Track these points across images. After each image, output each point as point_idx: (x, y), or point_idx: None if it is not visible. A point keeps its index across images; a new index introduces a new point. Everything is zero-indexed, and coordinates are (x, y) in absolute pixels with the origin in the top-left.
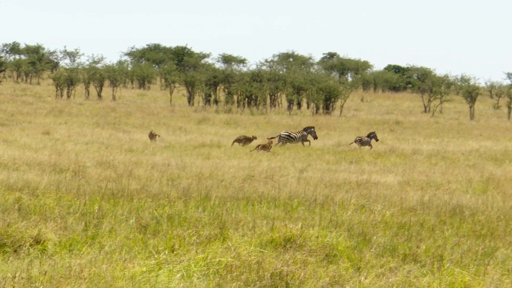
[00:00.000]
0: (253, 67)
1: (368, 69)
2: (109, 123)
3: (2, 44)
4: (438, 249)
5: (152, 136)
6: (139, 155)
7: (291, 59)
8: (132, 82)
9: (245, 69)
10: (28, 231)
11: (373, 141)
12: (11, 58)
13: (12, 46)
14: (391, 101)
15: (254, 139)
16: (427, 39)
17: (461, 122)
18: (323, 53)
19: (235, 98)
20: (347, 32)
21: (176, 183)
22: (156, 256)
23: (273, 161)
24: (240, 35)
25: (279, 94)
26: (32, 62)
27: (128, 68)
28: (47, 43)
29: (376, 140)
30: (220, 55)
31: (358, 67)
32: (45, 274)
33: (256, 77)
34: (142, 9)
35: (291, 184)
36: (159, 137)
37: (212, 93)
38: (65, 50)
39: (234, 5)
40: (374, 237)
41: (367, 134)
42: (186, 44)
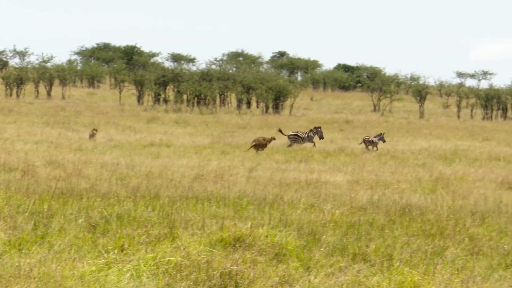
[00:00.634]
0: (203, 66)
1: (318, 68)
2: (59, 122)
3: None
4: (388, 249)
5: (92, 135)
6: (89, 154)
7: (241, 58)
8: (82, 81)
9: (195, 68)
10: None
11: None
12: None
13: None
14: (341, 100)
15: (273, 140)
16: (377, 38)
17: (411, 121)
18: (273, 52)
19: (185, 97)
20: (297, 31)
21: (126, 182)
22: (106, 256)
23: (223, 160)
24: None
25: (229, 93)
26: None
27: (78, 67)
28: None
29: (383, 142)
30: (170, 54)
31: (308, 66)
32: None
33: (206, 76)
34: (92, 8)
35: (241, 183)
36: (96, 132)
37: (162, 92)
38: (15, 49)
39: (183, 3)
40: (324, 237)
41: (376, 135)
42: (136, 43)
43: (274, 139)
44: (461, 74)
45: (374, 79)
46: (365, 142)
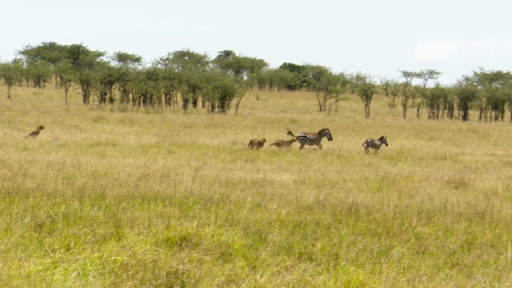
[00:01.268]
0: (149, 66)
1: (264, 68)
2: (4, 122)
3: None
4: (334, 248)
5: (36, 132)
6: (34, 154)
7: (187, 58)
8: (28, 81)
9: (141, 68)
10: None
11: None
12: None
13: None
14: (287, 100)
15: (294, 142)
16: (323, 38)
17: (357, 121)
18: (219, 52)
19: (131, 97)
20: (243, 31)
21: (72, 182)
22: (52, 255)
23: (169, 160)
24: (136, 33)
25: (175, 93)
26: None
27: (23, 67)
28: None
29: (386, 145)
30: (116, 54)
31: (254, 66)
32: None
33: (152, 76)
34: (37, 7)
35: (187, 183)
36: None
37: (108, 92)
38: None
39: (129, 3)
40: (270, 236)
41: (379, 138)
42: (81, 43)
43: (295, 141)
44: (407, 74)
45: (320, 79)
46: (368, 144)
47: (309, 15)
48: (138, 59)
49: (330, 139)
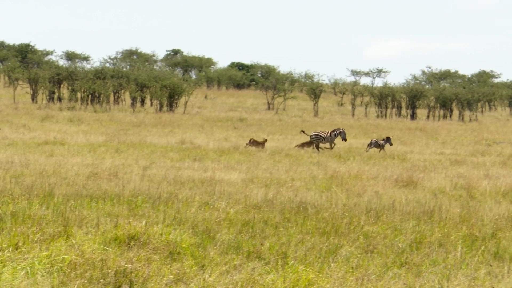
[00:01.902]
0: (97, 65)
1: (212, 66)
2: None
3: None
4: (282, 247)
5: None
6: None
7: (135, 56)
8: None
9: (89, 67)
10: None
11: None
12: None
13: None
14: (235, 98)
15: (311, 143)
16: (271, 37)
17: (305, 119)
18: (167, 50)
19: (79, 96)
20: (191, 29)
21: (20, 181)
22: (0, 254)
23: (117, 159)
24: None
25: (123, 91)
26: None
27: None
28: None
29: (391, 145)
30: (64, 53)
31: (202, 64)
32: None
33: (100, 75)
34: None
35: (135, 182)
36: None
37: (56, 90)
38: None
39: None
40: (218, 235)
41: (383, 138)
42: (30, 41)
43: (313, 142)
44: (356, 72)
45: (268, 78)
46: (372, 144)
47: (258, 14)
48: (87, 58)
49: (344, 140)
